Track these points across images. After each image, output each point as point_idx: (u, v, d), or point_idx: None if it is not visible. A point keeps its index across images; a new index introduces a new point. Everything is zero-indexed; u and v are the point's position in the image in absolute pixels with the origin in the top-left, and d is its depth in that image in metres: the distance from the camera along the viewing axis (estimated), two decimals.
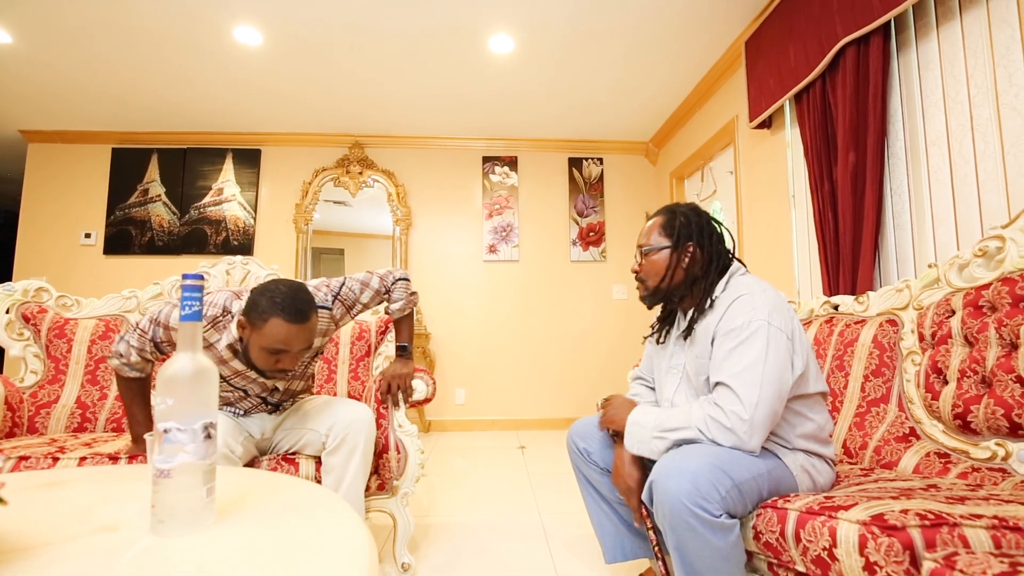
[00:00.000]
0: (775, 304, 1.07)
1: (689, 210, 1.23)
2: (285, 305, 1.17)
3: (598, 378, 4.13)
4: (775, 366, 1.00)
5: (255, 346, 1.21)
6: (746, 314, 1.05)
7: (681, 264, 1.19)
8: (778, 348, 1.02)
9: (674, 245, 1.20)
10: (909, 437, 1.33)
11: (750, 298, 1.08)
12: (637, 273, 1.26)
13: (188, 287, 0.65)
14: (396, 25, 2.68)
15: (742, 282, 1.15)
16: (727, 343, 1.05)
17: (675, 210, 1.24)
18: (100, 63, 3.05)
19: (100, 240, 3.99)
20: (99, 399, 1.85)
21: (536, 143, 4.26)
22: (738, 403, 0.98)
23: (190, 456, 0.63)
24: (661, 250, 1.21)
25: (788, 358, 1.03)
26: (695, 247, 1.19)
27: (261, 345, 1.19)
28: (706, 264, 1.19)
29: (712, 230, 1.22)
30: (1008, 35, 1.52)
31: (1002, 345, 1.17)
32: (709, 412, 1.01)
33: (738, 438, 0.97)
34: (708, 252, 1.19)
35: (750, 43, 2.69)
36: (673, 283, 1.20)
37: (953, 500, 0.87)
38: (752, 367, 1.00)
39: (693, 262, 1.19)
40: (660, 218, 1.25)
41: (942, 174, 1.74)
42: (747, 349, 1.02)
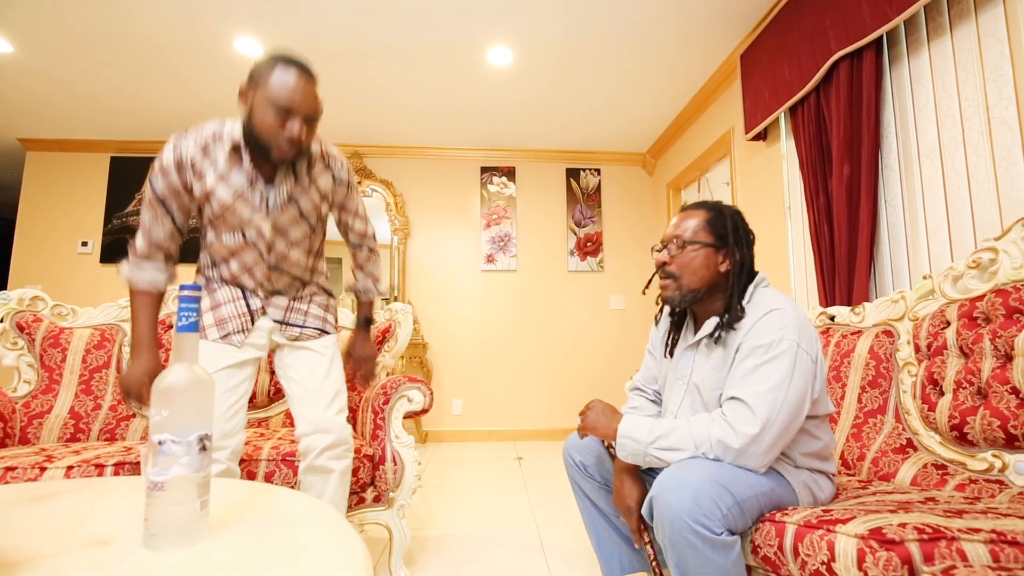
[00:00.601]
0: (804, 324, 1.04)
1: (736, 212, 1.17)
2: (289, 58, 1.14)
3: (596, 388, 4.12)
4: (797, 391, 0.97)
5: (260, 108, 1.12)
6: (777, 332, 1.00)
7: (720, 267, 1.13)
8: (803, 372, 0.99)
9: (719, 245, 1.13)
10: (906, 448, 1.33)
11: (781, 315, 1.03)
12: (665, 266, 1.16)
13: (185, 298, 0.65)
14: (396, 36, 2.71)
15: (767, 295, 1.10)
16: (752, 359, 1.01)
17: (722, 209, 1.17)
18: (101, 73, 3.06)
19: (97, 249, 3.98)
20: (93, 409, 1.83)
21: (534, 154, 4.28)
22: (752, 424, 0.95)
23: (184, 469, 0.63)
24: (704, 247, 1.13)
25: (810, 383, 1.00)
26: (739, 253, 1.13)
27: (268, 99, 1.10)
28: (741, 272, 1.13)
29: (750, 240, 1.17)
30: (997, 50, 1.54)
31: (997, 356, 1.17)
32: (717, 434, 0.97)
33: (745, 459, 0.95)
34: (747, 263, 1.14)
35: (745, 56, 2.72)
36: (708, 285, 1.14)
37: (951, 514, 0.87)
38: (775, 390, 0.96)
39: (732, 267, 1.13)
40: (705, 213, 1.16)
41: (935, 186, 1.75)
42: (773, 369, 0.98)
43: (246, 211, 1.25)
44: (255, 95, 1.13)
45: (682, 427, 1.01)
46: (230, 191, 1.22)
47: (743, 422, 0.96)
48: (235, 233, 1.27)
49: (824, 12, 2.07)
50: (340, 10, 2.50)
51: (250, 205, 1.24)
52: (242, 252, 1.30)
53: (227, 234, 1.28)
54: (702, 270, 1.13)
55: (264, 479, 1.44)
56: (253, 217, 1.26)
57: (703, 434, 0.98)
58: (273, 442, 1.56)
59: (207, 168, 1.21)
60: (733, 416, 0.98)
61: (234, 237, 1.28)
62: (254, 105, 1.14)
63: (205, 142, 1.20)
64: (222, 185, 1.21)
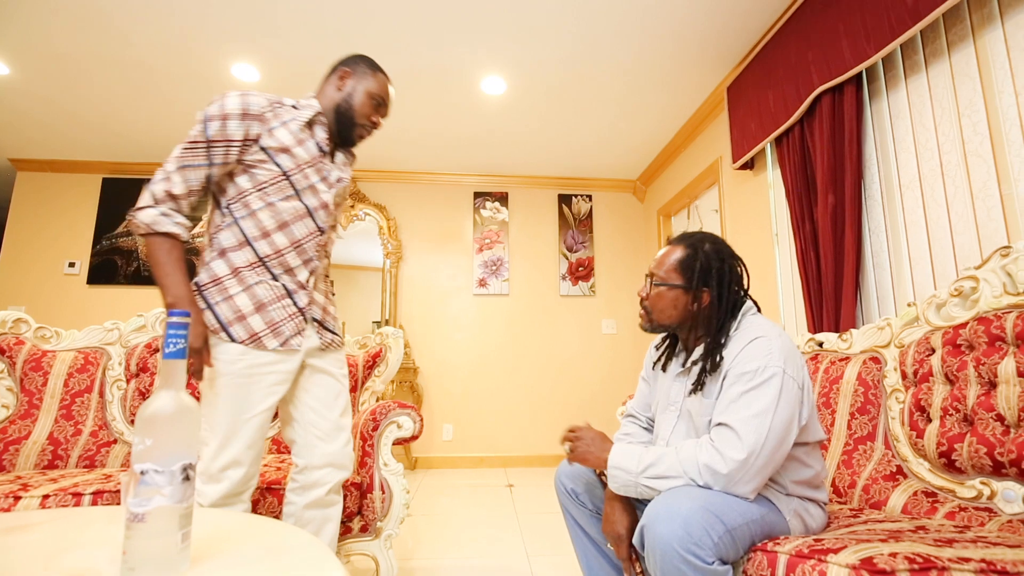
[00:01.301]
0: (790, 350, 1.05)
1: (713, 251, 1.16)
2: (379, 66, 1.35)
3: (587, 413, 4.09)
4: (783, 417, 0.98)
5: (362, 92, 1.30)
6: (763, 358, 1.01)
7: (690, 307, 1.15)
8: (789, 398, 0.99)
9: (687, 287, 1.15)
10: (896, 476, 1.33)
11: (767, 341, 1.04)
12: (643, 300, 1.21)
13: (174, 324, 0.65)
14: (392, 63, 2.76)
15: (755, 323, 1.11)
16: (739, 386, 1.01)
17: (698, 248, 1.17)
18: (95, 95, 3.09)
19: (84, 270, 3.94)
20: (73, 435, 1.79)
21: (527, 180, 4.34)
22: (739, 450, 0.95)
23: (167, 499, 0.61)
24: (673, 288, 1.16)
25: (797, 409, 1.00)
26: (710, 294, 1.13)
27: (370, 91, 1.30)
28: (718, 310, 1.13)
29: (732, 275, 1.16)
30: (970, 88, 1.60)
31: (981, 383, 1.19)
32: (704, 459, 0.97)
33: (733, 485, 0.95)
34: (724, 298, 1.13)
35: (732, 88, 2.81)
36: (678, 322, 1.17)
37: (941, 543, 0.87)
38: (761, 415, 0.97)
39: (704, 307, 1.14)
40: (679, 251, 1.18)
41: (916, 216, 1.80)
42: (759, 396, 0.99)
43: (315, 177, 1.26)
44: (356, 82, 1.31)
45: (671, 455, 1.01)
46: (306, 154, 1.25)
47: (730, 448, 0.96)
48: (294, 201, 1.22)
49: (807, 48, 2.15)
50: (336, 37, 2.56)
51: (319, 174, 1.27)
52: (296, 223, 1.23)
53: (284, 201, 1.21)
54: (670, 309, 1.17)
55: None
56: (319, 185, 1.27)
57: (691, 461, 0.98)
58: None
59: (277, 126, 1.21)
60: (720, 442, 0.98)
61: (292, 205, 1.22)
62: (354, 90, 1.30)
63: (271, 102, 1.23)
64: (298, 147, 1.23)
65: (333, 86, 1.31)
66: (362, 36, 2.53)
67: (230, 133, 1.16)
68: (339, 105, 1.30)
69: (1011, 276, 1.22)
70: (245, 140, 1.18)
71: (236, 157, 1.18)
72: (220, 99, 1.17)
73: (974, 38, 1.59)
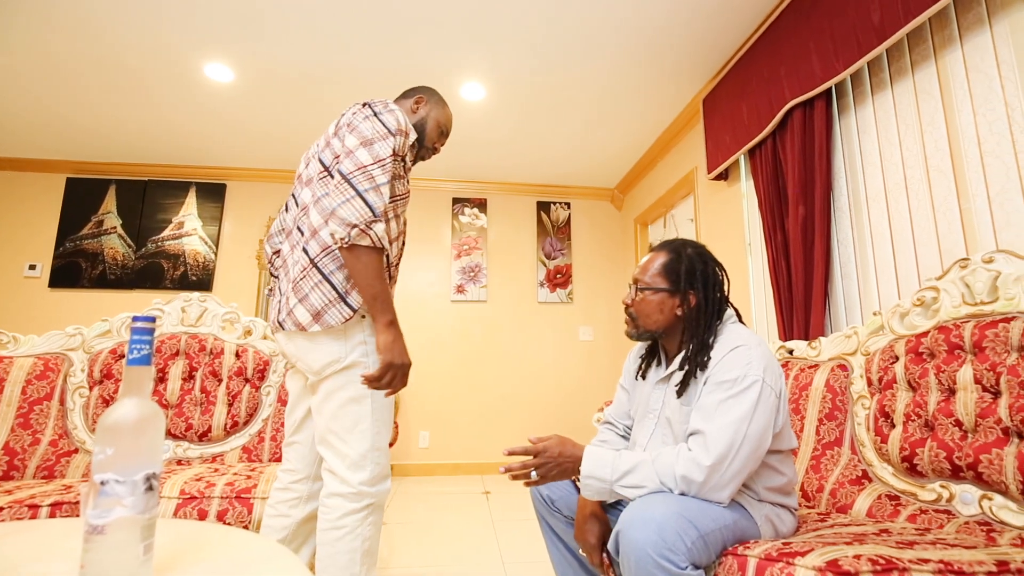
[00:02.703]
0: (769, 360, 1.06)
1: (696, 254, 1.18)
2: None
3: (564, 419, 4.10)
4: (759, 425, 0.99)
5: (433, 120, 1.40)
6: (742, 367, 1.03)
7: (676, 310, 1.16)
8: (766, 408, 1.01)
9: (673, 290, 1.16)
10: (862, 480, 1.36)
11: (747, 351, 1.06)
12: (628, 307, 1.22)
13: (138, 330, 0.63)
14: (370, 65, 2.75)
15: (736, 331, 1.13)
16: (718, 393, 1.03)
17: (680, 251, 1.19)
18: (60, 92, 2.98)
19: (46, 272, 3.79)
20: (31, 444, 1.71)
21: (505, 186, 4.35)
22: (713, 457, 0.96)
23: (128, 510, 0.59)
24: (659, 292, 1.17)
25: (773, 418, 1.02)
26: (696, 296, 1.15)
27: (439, 120, 1.41)
28: (703, 314, 1.14)
29: (715, 278, 1.18)
30: (932, 106, 1.67)
31: (941, 390, 1.23)
32: (681, 470, 0.97)
33: (708, 491, 0.96)
34: (709, 301, 1.15)
35: (707, 100, 2.87)
36: (664, 328, 1.18)
37: (903, 545, 0.89)
38: (738, 423, 0.98)
39: (690, 310, 1.15)
40: (664, 257, 1.19)
41: (882, 228, 1.86)
42: (736, 404, 1.00)
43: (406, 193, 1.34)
44: (430, 110, 1.41)
45: (647, 465, 1.01)
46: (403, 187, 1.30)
47: (705, 455, 0.97)
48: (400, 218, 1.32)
49: (779, 62, 2.22)
50: (312, 40, 2.53)
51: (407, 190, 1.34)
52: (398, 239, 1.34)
53: (396, 220, 1.30)
54: (656, 314, 1.17)
55: (216, 518, 1.37)
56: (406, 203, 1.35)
57: (667, 470, 0.99)
58: (228, 478, 1.48)
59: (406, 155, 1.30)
60: (696, 450, 0.99)
61: (400, 222, 1.32)
62: (427, 117, 1.40)
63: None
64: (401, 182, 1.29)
65: (408, 109, 1.39)
66: (338, 38, 2.51)
67: (404, 148, 1.25)
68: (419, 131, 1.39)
69: (969, 287, 1.27)
70: (404, 155, 1.27)
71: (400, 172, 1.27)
72: (390, 113, 1.22)
73: (936, 58, 1.67)
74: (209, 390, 1.95)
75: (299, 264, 1.20)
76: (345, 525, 1.13)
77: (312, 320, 1.15)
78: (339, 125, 1.26)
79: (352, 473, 1.15)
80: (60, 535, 0.84)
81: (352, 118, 1.23)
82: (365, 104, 1.25)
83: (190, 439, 1.88)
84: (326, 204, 1.18)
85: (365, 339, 1.18)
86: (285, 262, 1.30)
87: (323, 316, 1.15)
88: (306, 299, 1.16)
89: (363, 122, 1.20)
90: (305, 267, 1.18)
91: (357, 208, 1.11)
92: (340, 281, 1.17)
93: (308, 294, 1.17)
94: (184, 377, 1.95)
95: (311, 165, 1.31)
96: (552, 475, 1.08)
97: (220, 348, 2.01)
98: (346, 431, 1.16)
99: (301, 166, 1.38)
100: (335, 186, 1.15)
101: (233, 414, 1.92)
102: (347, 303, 1.16)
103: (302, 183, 1.33)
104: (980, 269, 1.25)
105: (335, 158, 1.22)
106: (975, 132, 1.54)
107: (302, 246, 1.21)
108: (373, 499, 1.16)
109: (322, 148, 1.28)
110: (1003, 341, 1.13)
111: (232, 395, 1.95)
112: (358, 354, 1.17)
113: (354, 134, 1.19)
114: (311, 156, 1.34)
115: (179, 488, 1.41)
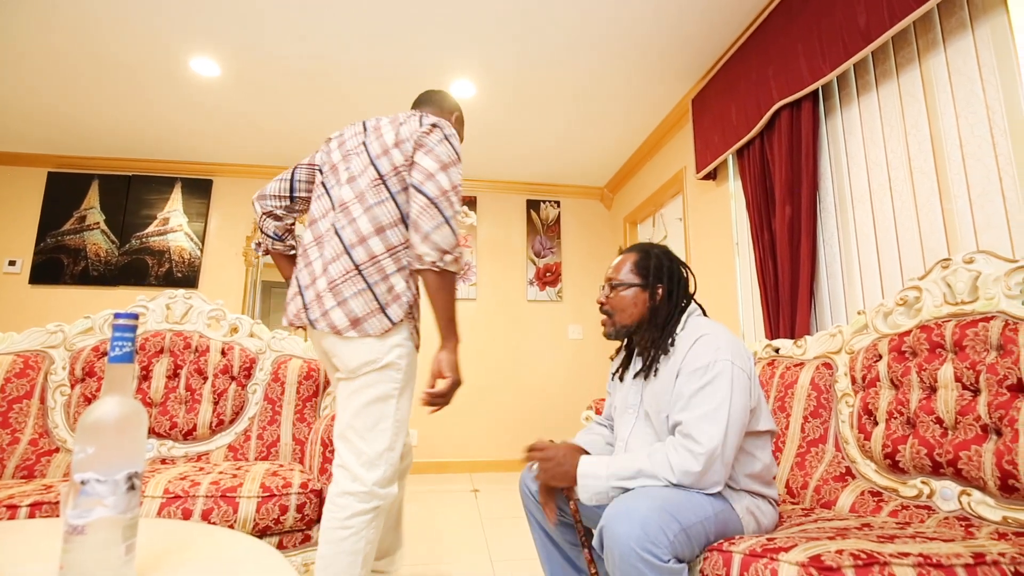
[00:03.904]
0: (735, 344, 1.11)
1: (662, 252, 1.27)
2: None
3: (553, 418, 4.11)
4: (739, 405, 1.03)
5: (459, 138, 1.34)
6: (711, 354, 1.07)
7: (649, 304, 1.23)
8: (742, 388, 1.05)
9: (644, 284, 1.24)
10: (845, 476, 1.38)
11: (713, 338, 1.10)
12: (603, 305, 1.29)
13: (120, 327, 0.62)
14: (358, 61, 2.73)
15: (699, 323, 1.18)
16: (693, 382, 1.06)
17: (649, 251, 1.28)
18: (41, 84, 2.92)
19: (26, 268, 3.72)
20: (10, 443, 1.68)
21: (495, 184, 4.35)
22: (708, 443, 0.99)
23: (109, 510, 0.58)
24: (631, 287, 1.25)
25: (748, 397, 1.06)
26: (664, 289, 1.23)
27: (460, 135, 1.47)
28: (670, 306, 1.22)
29: (679, 274, 1.26)
30: (916, 109, 1.70)
31: (923, 388, 1.25)
32: (676, 461, 1.00)
33: (708, 478, 0.99)
34: (674, 295, 1.23)
35: (696, 100, 2.89)
36: (639, 320, 1.24)
37: (884, 539, 0.91)
38: (719, 408, 1.02)
39: (660, 303, 1.22)
40: (634, 255, 1.28)
41: (867, 228, 1.89)
42: (714, 390, 1.04)
43: None
44: (460, 129, 1.50)
45: (642, 460, 1.04)
46: None
47: (698, 443, 1.00)
48: None
49: (767, 64, 2.24)
50: (300, 35, 2.51)
51: None
52: None
53: None
54: (631, 308, 1.24)
55: (201, 518, 1.35)
56: None
57: (663, 465, 1.01)
58: (213, 476, 1.47)
59: None
60: (687, 440, 1.02)
61: None
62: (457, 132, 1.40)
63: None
64: None
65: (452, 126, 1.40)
66: (328, 34, 2.49)
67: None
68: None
69: (950, 287, 1.29)
70: None
71: None
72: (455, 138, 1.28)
73: (920, 61, 1.69)
74: (194, 388, 1.93)
75: (340, 266, 1.21)
76: (352, 526, 1.14)
77: (350, 326, 1.18)
78: (401, 137, 1.26)
79: (366, 471, 1.16)
80: (39, 536, 0.83)
81: (423, 138, 1.24)
82: (434, 125, 1.26)
83: (175, 438, 1.86)
84: (378, 214, 1.22)
85: (401, 342, 1.23)
86: (307, 251, 1.29)
87: (362, 324, 1.18)
88: (345, 303, 1.18)
89: (438, 145, 1.23)
90: (348, 271, 1.20)
91: (447, 235, 1.18)
92: (383, 292, 1.20)
93: (348, 299, 1.18)
94: (169, 375, 1.93)
95: (354, 163, 1.29)
96: (551, 472, 1.16)
97: (206, 346, 1.99)
98: (367, 429, 1.18)
99: (334, 155, 1.36)
100: (422, 208, 1.18)
101: (219, 412, 1.90)
102: (387, 315, 1.20)
103: (338, 176, 1.31)
104: (961, 269, 1.27)
105: (394, 169, 1.24)
106: (957, 134, 1.57)
107: (345, 249, 1.22)
108: (381, 501, 1.18)
109: (377, 154, 1.27)
110: (983, 340, 1.15)
111: (218, 393, 1.93)
112: (394, 356, 1.21)
113: (430, 156, 1.22)
114: (351, 151, 1.32)
115: (163, 487, 1.39)
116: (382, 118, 1.34)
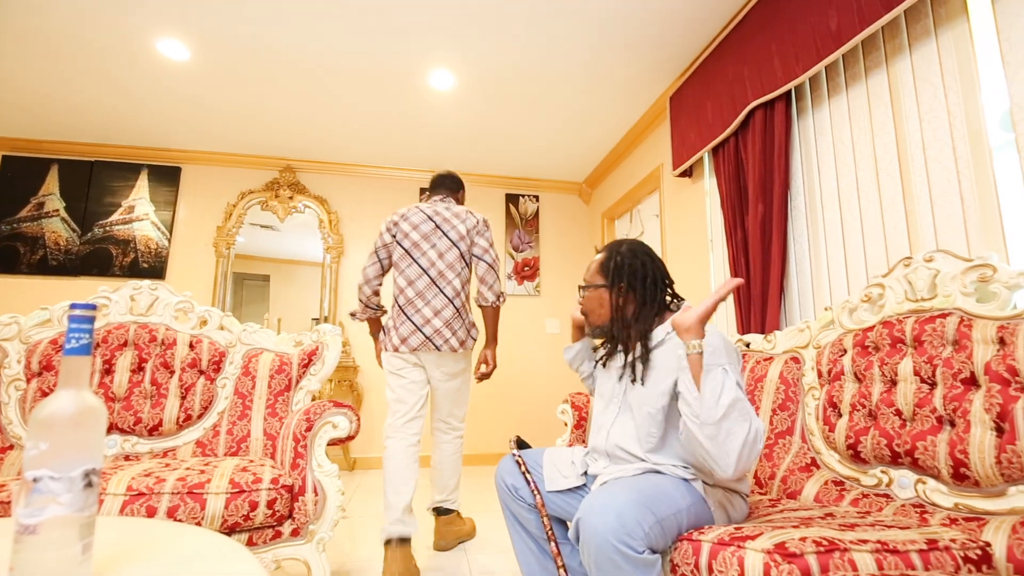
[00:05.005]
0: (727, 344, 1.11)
1: (627, 251, 1.27)
2: None
3: (531, 412, 4.13)
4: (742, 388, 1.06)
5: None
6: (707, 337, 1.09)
7: (614, 302, 1.25)
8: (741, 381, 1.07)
9: (607, 284, 1.26)
10: (811, 467, 1.43)
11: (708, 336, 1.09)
12: (582, 308, 1.34)
13: (76, 318, 0.59)
14: (334, 48, 2.67)
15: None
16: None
17: (614, 250, 1.29)
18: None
19: None
20: None
21: (474, 178, 4.32)
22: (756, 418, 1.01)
23: (64, 508, 0.56)
24: (597, 288, 1.28)
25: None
26: (627, 288, 1.24)
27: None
28: (638, 306, 1.23)
29: (647, 273, 1.24)
30: (883, 112, 1.75)
31: (884, 381, 1.30)
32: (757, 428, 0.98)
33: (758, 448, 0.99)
34: (640, 294, 1.23)
35: (674, 98, 2.92)
36: (609, 320, 1.26)
37: (845, 527, 0.94)
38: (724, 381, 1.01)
39: (626, 302, 1.24)
40: (601, 257, 1.30)
41: (834, 227, 1.94)
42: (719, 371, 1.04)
43: None
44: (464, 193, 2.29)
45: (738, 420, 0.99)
46: None
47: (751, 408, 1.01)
48: None
49: (743, 64, 2.27)
50: (275, 18, 2.44)
51: None
52: None
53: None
54: (599, 308, 1.29)
55: (167, 515, 1.31)
56: None
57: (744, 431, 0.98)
58: (180, 473, 1.43)
59: None
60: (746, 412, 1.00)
61: None
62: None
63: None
64: None
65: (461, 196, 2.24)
66: (303, 18, 2.43)
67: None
68: None
69: (911, 284, 1.34)
70: None
71: None
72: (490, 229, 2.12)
73: (887, 66, 1.74)
74: (160, 382, 1.87)
75: (449, 310, 1.97)
76: (459, 450, 2.16)
77: (459, 345, 1.99)
78: (468, 227, 2.04)
79: (460, 422, 2.17)
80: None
81: (480, 227, 2.07)
82: (484, 220, 2.09)
83: (139, 433, 1.80)
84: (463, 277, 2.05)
85: (470, 354, 2.14)
86: (412, 302, 1.97)
87: (466, 343, 2.02)
88: (456, 334, 1.98)
89: (487, 231, 2.08)
90: (455, 313, 1.99)
91: (500, 287, 2.08)
92: (469, 325, 2.05)
93: (457, 331, 1.99)
94: (133, 369, 1.86)
95: (439, 243, 2.00)
96: (683, 319, 1.10)
97: (172, 339, 1.93)
98: (462, 401, 2.15)
99: (412, 235, 2.01)
100: (487, 269, 2.04)
101: (186, 407, 1.85)
102: (471, 336, 2.06)
103: (422, 250, 2.00)
104: (922, 268, 1.32)
105: (468, 249, 2.05)
106: (920, 138, 1.62)
107: (450, 301, 1.98)
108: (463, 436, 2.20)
109: (456, 239, 2.01)
110: (940, 335, 1.20)
111: (185, 387, 1.88)
112: (468, 362, 2.14)
113: (484, 238, 2.06)
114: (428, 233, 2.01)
115: (126, 484, 1.34)
116: (444, 212, 2.04)
